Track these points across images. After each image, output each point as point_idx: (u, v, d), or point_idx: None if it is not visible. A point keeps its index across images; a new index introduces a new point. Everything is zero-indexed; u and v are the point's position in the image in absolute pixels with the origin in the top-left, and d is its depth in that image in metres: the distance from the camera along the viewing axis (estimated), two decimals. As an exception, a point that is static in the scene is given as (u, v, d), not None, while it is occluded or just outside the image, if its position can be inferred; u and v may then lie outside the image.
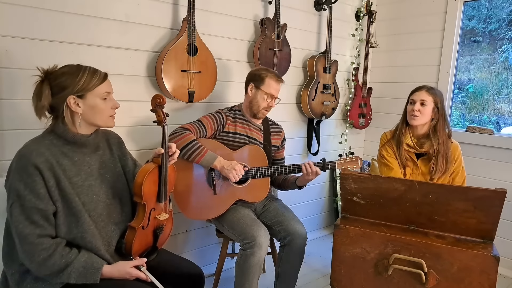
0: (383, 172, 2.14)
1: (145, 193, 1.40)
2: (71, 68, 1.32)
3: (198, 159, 1.89)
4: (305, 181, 2.09)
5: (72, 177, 1.30)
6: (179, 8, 2.21)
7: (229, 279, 2.45)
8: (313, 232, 3.30)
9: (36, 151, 1.24)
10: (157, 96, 1.44)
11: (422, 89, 2.04)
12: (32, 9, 1.74)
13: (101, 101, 1.34)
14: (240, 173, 1.93)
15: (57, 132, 1.31)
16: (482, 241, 1.52)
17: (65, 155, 1.31)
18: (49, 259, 1.21)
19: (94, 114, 1.34)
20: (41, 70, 1.31)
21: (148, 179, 1.40)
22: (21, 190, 1.20)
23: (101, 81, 1.34)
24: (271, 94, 2.07)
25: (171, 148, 1.48)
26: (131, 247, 1.40)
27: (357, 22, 3.29)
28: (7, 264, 1.32)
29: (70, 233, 1.28)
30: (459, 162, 2.05)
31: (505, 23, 2.92)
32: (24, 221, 1.20)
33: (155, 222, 1.50)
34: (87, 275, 1.25)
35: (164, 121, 1.46)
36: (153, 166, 1.43)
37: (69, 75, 1.29)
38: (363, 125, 3.39)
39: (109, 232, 1.38)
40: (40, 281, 1.27)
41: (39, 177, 1.21)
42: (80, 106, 1.31)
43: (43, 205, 1.22)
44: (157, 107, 1.45)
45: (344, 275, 1.66)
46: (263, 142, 2.17)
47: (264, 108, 2.10)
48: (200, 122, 2.01)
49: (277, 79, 2.09)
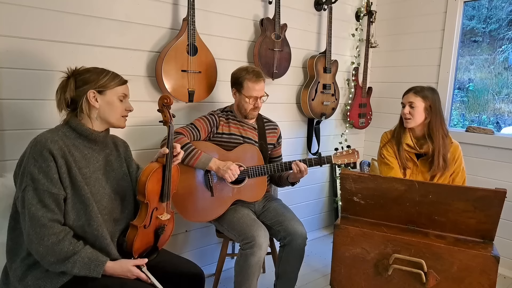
0: (383, 171, 2.14)
1: (148, 191, 1.42)
2: (96, 68, 1.42)
3: (193, 161, 1.89)
4: (295, 178, 2.12)
5: (81, 168, 1.35)
6: (179, 8, 2.21)
7: (229, 279, 2.45)
8: (313, 232, 3.30)
9: (51, 138, 1.29)
10: (164, 96, 1.47)
11: (410, 91, 2.05)
12: (32, 9, 1.74)
13: (118, 101, 1.42)
14: (235, 173, 1.93)
15: (71, 125, 1.37)
16: (482, 241, 1.52)
17: (76, 148, 1.37)
18: (58, 244, 1.24)
19: (110, 111, 1.40)
20: (68, 69, 1.40)
21: (152, 178, 1.43)
22: (36, 173, 1.24)
23: (121, 83, 1.43)
24: (253, 96, 2.03)
25: (175, 148, 1.51)
26: (132, 245, 1.41)
27: (357, 22, 3.29)
28: (10, 260, 1.33)
29: (79, 220, 1.31)
30: (459, 162, 2.05)
31: (505, 23, 2.92)
32: (37, 204, 1.23)
33: (156, 221, 1.51)
34: (91, 266, 1.26)
35: (170, 122, 1.49)
36: (157, 165, 1.46)
37: (93, 72, 1.39)
38: (363, 125, 3.39)
39: (110, 227, 1.40)
40: (42, 278, 1.28)
41: (53, 162, 1.26)
42: (98, 101, 1.38)
43: (56, 189, 1.26)
44: (164, 107, 1.48)
45: (344, 275, 1.66)
46: (258, 140, 2.16)
47: (251, 110, 2.08)
48: (193, 125, 2.01)
49: (256, 79, 2.01)
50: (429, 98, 2.00)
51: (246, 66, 2.10)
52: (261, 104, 2.09)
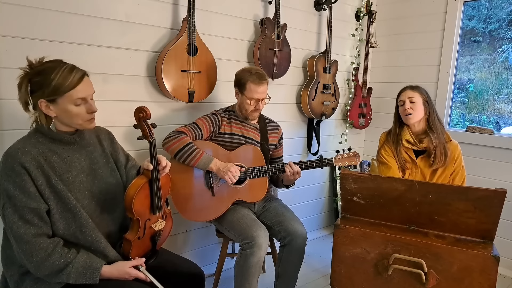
0: (382, 170, 2.15)
1: (136, 209, 1.34)
2: (49, 66, 1.25)
3: (194, 162, 1.89)
4: (289, 181, 2.11)
5: (62, 174, 1.29)
6: (179, 8, 2.21)
7: (229, 279, 2.45)
8: (313, 232, 3.30)
9: (21, 150, 1.21)
10: (140, 109, 1.31)
11: (405, 89, 2.10)
12: (32, 9, 1.74)
13: (73, 106, 1.26)
14: (236, 175, 1.92)
15: (41, 131, 1.29)
16: (482, 241, 1.52)
17: (53, 152, 1.29)
18: (48, 258, 1.20)
19: (69, 118, 1.28)
20: (28, 62, 1.26)
21: (139, 196, 1.34)
22: (11, 190, 1.18)
23: (73, 85, 1.24)
24: (255, 98, 2.02)
25: (161, 162, 1.40)
26: (128, 254, 1.39)
27: (357, 22, 3.29)
28: (6, 266, 1.31)
29: (69, 229, 1.27)
30: (459, 162, 2.05)
31: (505, 23, 2.92)
32: (18, 221, 1.19)
33: (151, 230, 1.46)
34: (87, 275, 1.24)
35: (151, 136, 1.34)
36: (143, 181, 1.34)
37: (43, 75, 1.23)
38: (363, 125, 3.39)
39: (104, 227, 1.37)
40: (39, 282, 1.26)
41: (27, 176, 1.19)
42: (52, 110, 1.26)
43: (35, 203, 1.20)
44: (141, 120, 1.33)
45: (344, 275, 1.66)
46: (260, 141, 2.16)
47: (252, 111, 2.07)
48: (195, 124, 2.00)
49: (259, 81, 1.99)
50: (424, 94, 2.07)
51: (250, 67, 2.09)
52: (262, 107, 2.09)
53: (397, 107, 2.12)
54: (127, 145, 2.10)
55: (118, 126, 2.06)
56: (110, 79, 2.01)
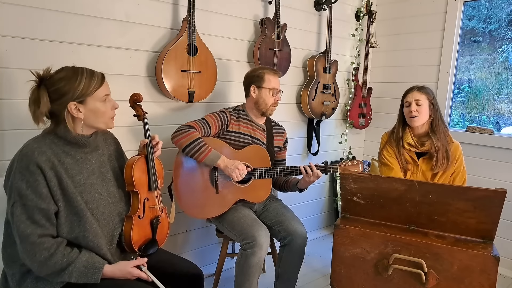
0: (384, 172, 2.14)
1: (135, 179, 1.45)
2: (67, 72, 1.29)
3: (202, 157, 1.89)
4: (306, 183, 2.08)
5: (74, 176, 1.31)
6: (179, 8, 2.21)
7: (229, 279, 2.45)
8: (313, 232, 3.30)
9: (38, 150, 1.23)
10: (134, 94, 1.55)
11: (413, 89, 2.06)
12: (32, 9, 1.74)
13: (102, 103, 1.35)
14: (243, 173, 1.93)
15: (58, 133, 1.31)
16: (482, 241, 1.52)
17: (67, 154, 1.31)
18: (51, 258, 1.21)
19: (96, 117, 1.35)
20: (35, 74, 1.27)
21: (137, 167, 1.47)
22: (23, 189, 1.20)
23: (99, 83, 1.34)
24: (274, 88, 2.10)
25: (154, 138, 1.55)
26: (130, 237, 1.41)
27: (357, 22, 3.29)
28: (7, 265, 1.32)
29: (72, 232, 1.28)
30: (459, 162, 2.05)
31: (505, 23, 2.92)
32: (26, 221, 1.20)
33: (150, 212, 1.52)
34: (88, 274, 1.25)
35: (144, 115, 1.55)
36: (139, 156, 1.51)
37: (67, 80, 1.27)
38: (363, 125, 3.39)
39: (110, 231, 1.39)
40: (41, 281, 1.27)
41: (41, 176, 1.21)
42: (81, 111, 1.31)
43: (45, 204, 1.22)
44: (134, 104, 1.55)
45: (344, 275, 1.66)
46: (266, 142, 2.17)
47: (272, 105, 2.12)
48: (204, 120, 2.00)
49: (274, 72, 2.12)
50: (431, 95, 2.05)
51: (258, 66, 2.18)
52: (280, 98, 2.15)
53: (402, 107, 2.11)
54: (127, 145, 2.10)
55: (118, 126, 2.06)
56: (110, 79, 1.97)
